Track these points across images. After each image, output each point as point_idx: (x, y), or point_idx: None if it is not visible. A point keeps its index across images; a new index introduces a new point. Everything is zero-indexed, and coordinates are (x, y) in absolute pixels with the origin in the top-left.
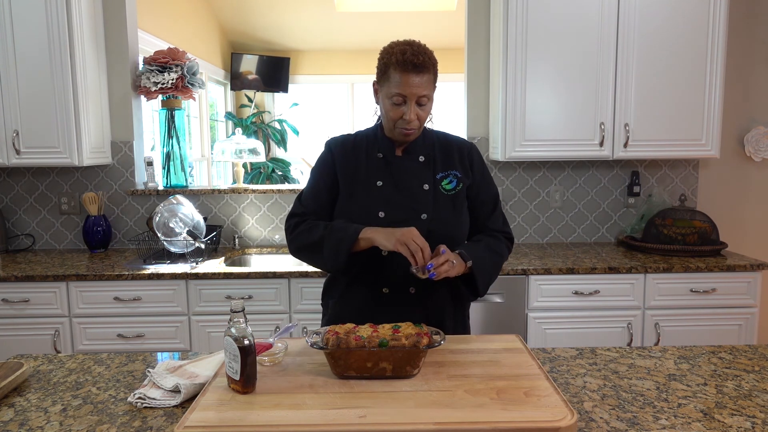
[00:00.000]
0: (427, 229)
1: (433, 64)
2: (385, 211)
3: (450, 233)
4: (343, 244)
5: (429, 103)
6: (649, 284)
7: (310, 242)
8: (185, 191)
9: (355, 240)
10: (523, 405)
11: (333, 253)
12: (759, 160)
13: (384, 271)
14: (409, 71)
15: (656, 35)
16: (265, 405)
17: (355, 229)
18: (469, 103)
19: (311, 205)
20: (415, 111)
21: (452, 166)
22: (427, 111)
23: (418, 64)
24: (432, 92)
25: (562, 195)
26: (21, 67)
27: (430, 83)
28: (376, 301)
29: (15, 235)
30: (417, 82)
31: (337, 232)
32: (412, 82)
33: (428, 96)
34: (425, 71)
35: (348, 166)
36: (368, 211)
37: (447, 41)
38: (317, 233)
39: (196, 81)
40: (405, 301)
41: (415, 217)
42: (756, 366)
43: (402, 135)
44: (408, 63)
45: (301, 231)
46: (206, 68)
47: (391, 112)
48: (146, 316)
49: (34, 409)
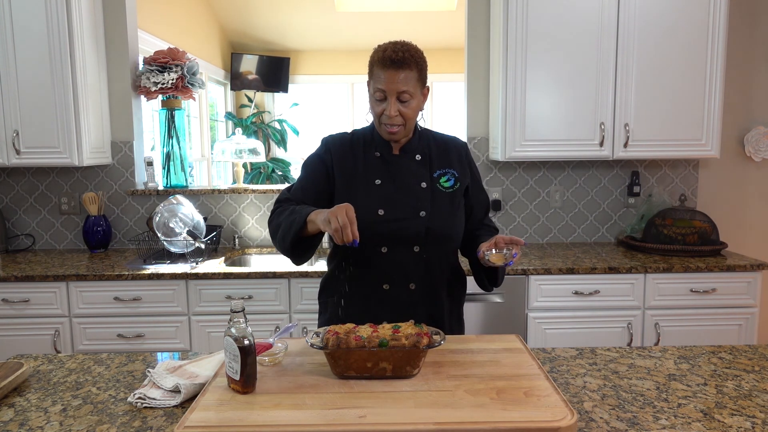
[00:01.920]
0: (425, 226)
1: (416, 62)
2: (384, 209)
3: (448, 230)
4: (293, 226)
5: (413, 101)
6: (649, 284)
7: (275, 225)
8: (185, 191)
9: (303, 222)
10: (523, 405)
11: (282, 237)
12: (759, 160)
13: (383, 267)
14: (388, 67)
15: (656, 35)
16: (265, 405)
17: (306, 212)
18: (469, 103)
19: (298, 196)
20: (396, 107)
21: (449, 164)
22: (412, 108)
23: (396, 60)
24: (416, 90)
25: (562, 195)
26: (21, 67)
27: (412, 80)
28: (376, 298)
29: (15, 235)
30: (396, 77)
31: (293, 214)
32: (392, 78)
33: (410, 93)
34: (406, 67)
35: (346, 165)
36: (368, 209)
37: (447, 41)
38: (282, 216)
39: (196, 81)
40: (405, 298)
41: (413, 214)
42: (756, 366)
43: (387, 134)
44: (387, 59)
45: (275, 215)
46: (206, 68)
47: (375, 108)
48: (146, 316)
49: (34, 409)
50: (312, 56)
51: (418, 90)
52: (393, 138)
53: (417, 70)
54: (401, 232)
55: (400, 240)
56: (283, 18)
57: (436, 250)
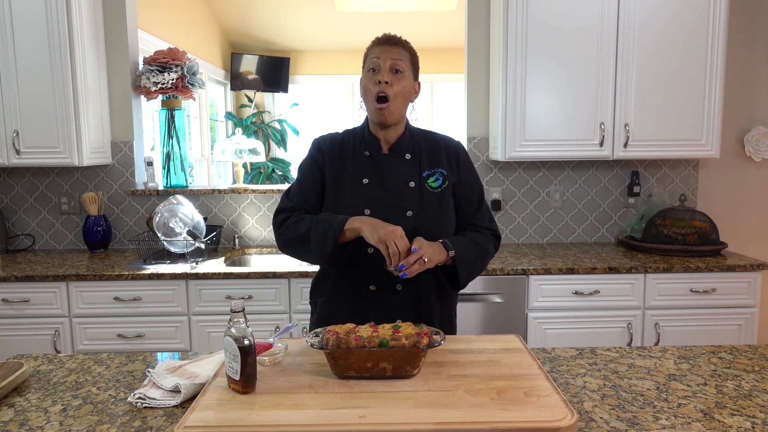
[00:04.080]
0: (412, 226)
1: (409, 48)
2: (371, 209)
3: (435, 231)
4: (329, 234)
5: (405, 80)
6: (649, 284)
7: (297, 235)
8: (185, 191)
9: (341, 230)
10: (523, 405)
11: (319, 244)
12: (759, 160)
13: (370, 267)
14: (383, 43)
15: (656, 35)
16: (265, 405)
17: (341, 219)
18: (469, 103)
19: (299, 202)
20: (389, 75)
21: (438, 164)
22: (403, 86)
23: (391, 38)
24: (408, 70)
25: (562, 195)
26: (21, 67)
27: (405, 59)
28: (363, 298)
29: (15, 235)
30: (390, 51)
31: (323, 223)
32: (386, 51)
33: (402, 68)
34: (399, 46)
35: (335, 165)
36: (354, 208)
37: (447, 41)
38: (304, 226)
39: (196, 81)
40: (392, 298)
41: (400, 214)
42: (756, 366)
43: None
44: (382, 38)
45: (288, 225)
46: (206, 68)
47: (368, 84)
48: (146, 316)
49: (34, 409)
50: (312, 56)
51: (410, 72)
52: (382, 117)
53: (410, 54)
54: None
55: None
56: (283, 18)
57: None
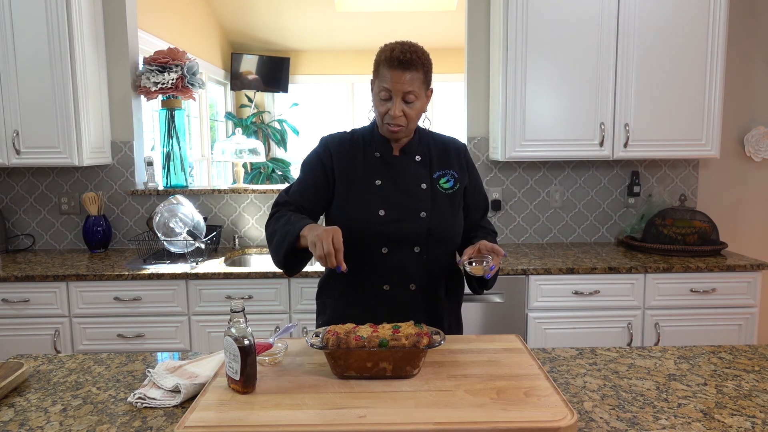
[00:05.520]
0: (426, 227)
1: (422, 64)
2: (385, 210)
3: (448, 232)
4: (286, 238)
5: (417, 102)
6: (649, 284)
7: (270, 233)
8: (185, 191)
9: (297, 236)
10: (523, 405)
11: (275, 247)
12: (759, 160)
13: (384, 267)
14: (396, 67)
15: (656, 35)
16: (265, 405)
17: (301, 225)
18: (469, 103)
19: (295, 198)
20: (401, 107)
21: (449, 165)
22: (416, 110)
23: (404, 61)
24: (421, 91)
25: (562, 195)
26: (21, 67)
27: (418, 81)
28: (376, 299)
29: (15, 235)
30: (403, 78)
31: (287, 225)
32: (398, 78)
33: (415, 93)
34: (412, 69)
35: (346, 165)
36: (369, 209)
37: (447, 41)
38: (278, 224)
39: (196, 81)
40: (405, 298)
41: (414, 215)
42: (756, 366)
43: (388, 132)
44: (395, 60)
45: (271, 221)
46: (206, 68)
47: (379, 108)
48: (146, 316)
49: (34, 409)
50: (312, 56)
51: (423, 91)
52: (394, 137)
53: (423, 71)
54: (402, 233)
55: (401, 241)
56: (283, 18)
57: (437, 251)
